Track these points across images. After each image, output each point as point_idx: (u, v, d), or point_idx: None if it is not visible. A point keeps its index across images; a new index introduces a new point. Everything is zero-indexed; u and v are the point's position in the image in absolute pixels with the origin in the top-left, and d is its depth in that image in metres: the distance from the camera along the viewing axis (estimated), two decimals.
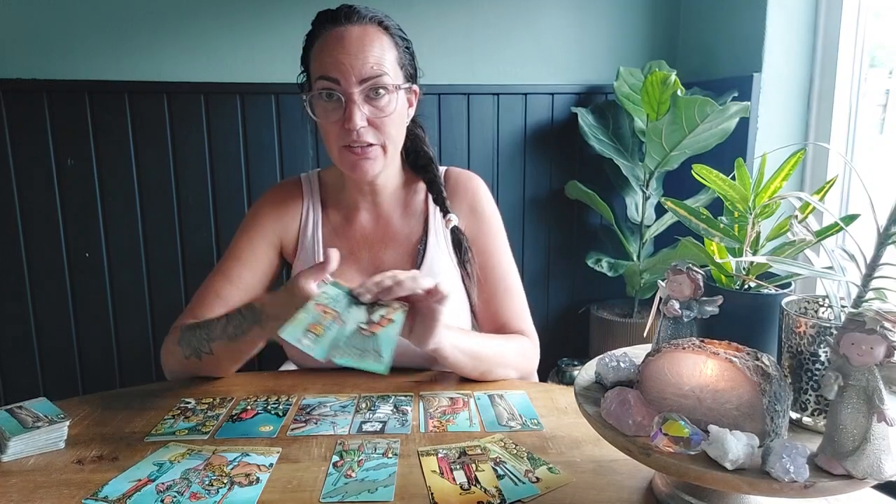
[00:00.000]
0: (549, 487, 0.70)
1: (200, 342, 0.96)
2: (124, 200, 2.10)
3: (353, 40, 0.94)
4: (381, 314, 0.83)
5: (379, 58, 0.94)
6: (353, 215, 1.10)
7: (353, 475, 0.73)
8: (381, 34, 0.97)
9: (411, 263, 1.07)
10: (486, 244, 1.10)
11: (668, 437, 0.57)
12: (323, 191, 1.13)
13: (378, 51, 0.95)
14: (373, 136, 0.96)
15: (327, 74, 0.94)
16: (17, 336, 2.14)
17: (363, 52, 0.93)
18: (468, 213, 1.10)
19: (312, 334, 0.79)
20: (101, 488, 0.71)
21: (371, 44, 0.95)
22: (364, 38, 0.94)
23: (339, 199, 1.11)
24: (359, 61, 0.93)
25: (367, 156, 0.97)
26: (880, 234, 0.62)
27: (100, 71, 2.03)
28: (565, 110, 2.20)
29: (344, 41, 0.94)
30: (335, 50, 0.94)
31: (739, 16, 1.88)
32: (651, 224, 2.06)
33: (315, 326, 0.79)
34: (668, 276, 0.71)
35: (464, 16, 2.13)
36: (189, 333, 0.98)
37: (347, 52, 0.93)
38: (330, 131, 0.98)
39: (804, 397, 0.63)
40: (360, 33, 0.95)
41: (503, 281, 1.10)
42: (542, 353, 1.11)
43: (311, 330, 0.79)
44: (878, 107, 1.69)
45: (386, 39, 0.97)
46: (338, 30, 0.95)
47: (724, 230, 0.74)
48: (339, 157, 0.99)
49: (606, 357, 0.72)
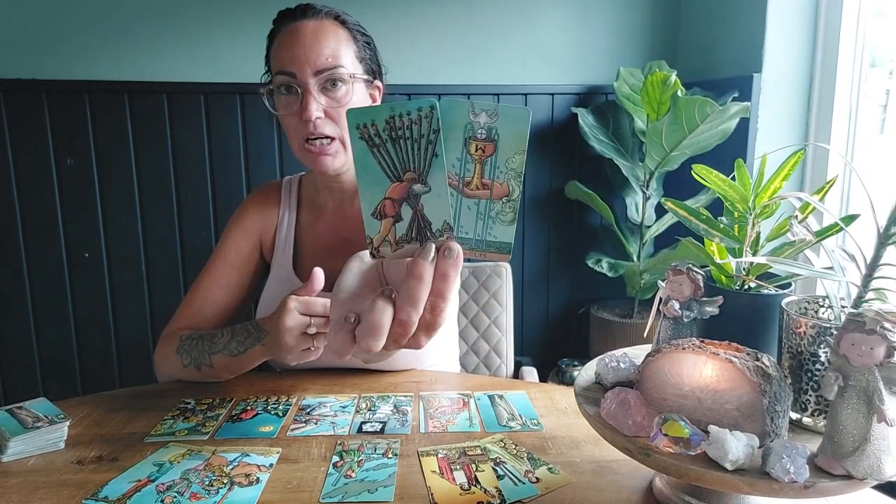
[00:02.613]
0: (549, 488, 0.70)
1: (202, 354, 0.96)
2: (124, 200, 2.10)
3: (307, 34, 0.95)
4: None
5: (334, 50, 0.95)
6: (322, 216, 1.11)
7: (353, 475, 0.73)
8: (337, 28, 0.98)
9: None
10: None
11: (668, 438, 0.57)
12: (301, 193, 1.15)
13: (333, 43, 0.96)
14: (330, 128, 0.97)
15: (284, 69, 0.95)
16: (17, 336, 2.14)
17: (318, 45, 0.94)
18: None
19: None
20: (101, 489, 0.71)
21: (326, 37, 0.96)
22: (319, 32, 0.96)
23: (314, 201, 1.13)
24: (314, 53, 0.94)
25: (327, 151, 0.98)
26: (880, 234, 0.62)
27: (100, 71, 2.03)
28: (565, 110, 2.20)
29: (299, 35, 0.95)
30: (291, 44, 0.95)
31: (739, 16, 1.88)
32: (651, 224, 2.06)
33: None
34: (669, 276, 0.71)
35: (464, 16, 2.13)
36: (190, 344, 0.98)
37: (302, 45, 0.94)
38: (289, 125, 0.99)
39: (804, 397, 0.63)
40: (316, 27, 0.96)
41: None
42: (543, 353, 1.12)
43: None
44: (878, 107, 1.69)
45: (342, 33, 0.98)
46: (294, 25, 0.96)
47: (724, 230, 0.74)
48: (300, 152, 1.00)
49: (606, 357, 0.71)
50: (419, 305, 0.46)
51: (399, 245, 0.47)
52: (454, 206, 0.47)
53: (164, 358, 1.03)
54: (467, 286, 1.52)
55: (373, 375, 1.03)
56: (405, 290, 0.46)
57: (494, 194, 0.47)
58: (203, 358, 0.96)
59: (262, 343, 0.90)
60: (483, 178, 0.47)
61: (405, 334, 0.47)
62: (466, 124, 0.46)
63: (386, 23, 2.02)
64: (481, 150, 0.46)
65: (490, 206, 0.47)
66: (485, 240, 0.48)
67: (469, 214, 0.47)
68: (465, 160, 0.46)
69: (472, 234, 0.48)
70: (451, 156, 0.46)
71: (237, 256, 1.10)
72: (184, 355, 0.98)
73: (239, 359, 0.93)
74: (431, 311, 0.47)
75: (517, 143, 0.46)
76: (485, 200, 0.47)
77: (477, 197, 0.47)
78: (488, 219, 0.48)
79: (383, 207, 0.47)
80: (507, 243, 0.48)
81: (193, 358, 0.97)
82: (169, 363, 1.02)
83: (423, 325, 0.48)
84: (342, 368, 1.06)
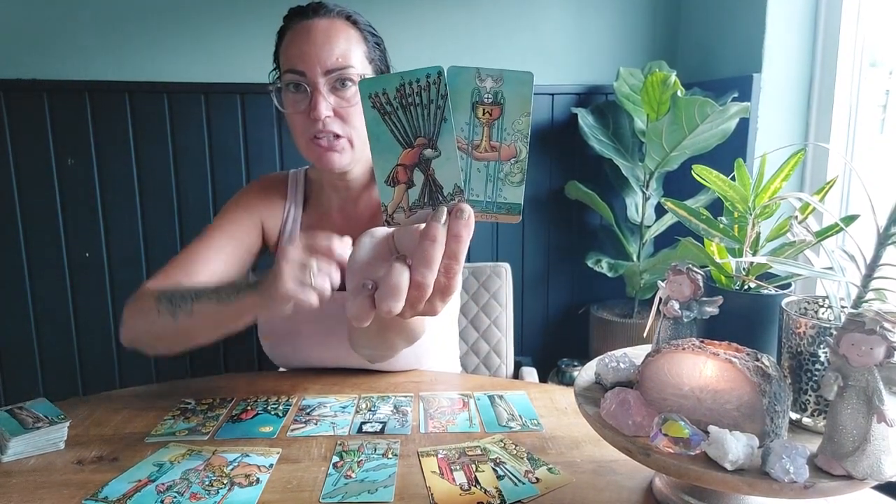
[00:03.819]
0: (548, 488, 0.70)
1: (183, 299, 0.85)
2: (124, 200, 2.10)
3: (319, 32, 0.95)
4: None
5: (345, 50, 0.95)
6: (328, 215, 1.11)
7: (353, 475, 0.73)
8: (348, 28, 0.97)
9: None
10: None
11: (668, 438, 0.57)
12: (307, 188, 1.14)
13: (344, 43, 0.95)
14: (339, 126, 0.96)
15: (293, 67, 0.95)
16: (17, 336, 2.14)
17: (329, 44, 0.94)
18: None
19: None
20: (101, 489, 0.71)
21: (337, 36, 0.95)
22: (330, 31, 0.95)
23: (319, 198, 1.12)
24: (324, 52, 0.93)
25: (334, 148, 0.97)
26: (880, 234, 0.62)
27: (100, 71, 2.03)
28: (565, 110, 2.20)
29: (310, 33, 0.95)
30: (302, 42, 0.94)
31: (739, 16, 1.88)
32: (651, 224, 2.06)
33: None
34: (668, 276, 0.71)
35: (464, 16, 2.13)
36: (171, 291, 0.88)
37: (313, 44, 0.94)
38: (297, 123, 0.98)
39: (804, 398, 0.63)
40: (327, 26, 0.95)
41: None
42: (543, 353, 1.11)
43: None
44: (878, 107, 1.69)
45: (353, 33, 0.98)
46: (305, 23, 0.96)
47: (724, 230, 0.74)
48: (306, 148, 0.99)
49: (606, 357, 0.72)
50: (434, 266, 0.47)
51: (412, 211, 0.49)
52: (464, 170, 0.48)
53: (136, 310, 0.92)
54: (467, 286, 1.52)
55: (373, 376, 1.03)
56: (420, 252, 0.47)
57: (503, 156, 0.48)
58: (184, 303, 0.84)
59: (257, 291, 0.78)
60: (491, 140, 0.48)
61: (421, 297, 0.48)
62: (473, 89, 0.47)
63: (386, 23, 2.01)
64: (488, 114, 0.48)
65: (499, 169, 0.49)
66: (495, 201, 0.49)
67: (479, 177, 0.49)
68: (474, 124, 0.48)
69: (482, 196, 0.49)
70: (460, 120, 0.47)
71: (235, 227, 1.06)
72: (162, 301, 0.87)
73: (227, 307, 0.81)
74: (446, 274, 0.49)
75: (522, 106, 0.47)
76: (494, 163, 0.49)
77: (486, 159, 0.48)
78: (497, 181, 0.49)
79: (396, 174, 0.48)
80: (517, 204, 0.49)
81: (173, 303, 0.85)
82: (140, 314, 0.91)
83: (439, 289, 0.49)
84: (342, 369, 1.06)
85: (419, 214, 0.49)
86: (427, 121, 0.47)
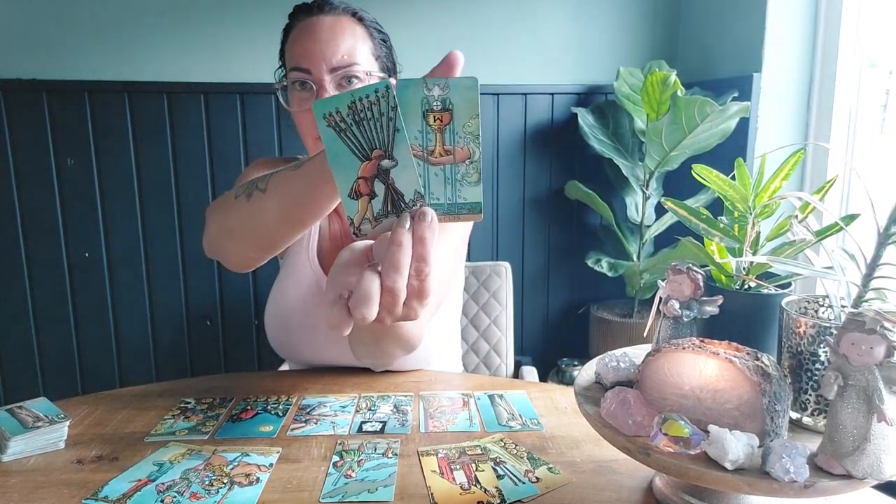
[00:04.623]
0: (549, 487, 0.70)
1: (260, 179, 0.77)
2: (124, 200, 2.10)
3: (324, 30, 0.94)
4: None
5: (350, 47, 0.94)
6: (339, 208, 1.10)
7: (353, 475, 0.73)
8: (353, 24, 0.97)
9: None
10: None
11: (668, 437, 0.57)
12: None
13: (350, 40, 0.94)
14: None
15: (299, 65, 0.94)
16: (17, 336, 2.14)
17: (334, 41, 0.93)
18: None
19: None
20: (101, 488, 0.71)
21: (343, 33, 0.94)
22: (335, 28, 0.94)
23: None
24: (329, 49, 0.93)
25: None
26: (880, 234, 0.62)
27: (100, 71, 2.03)
28: (565, 110, 2.20)
29: (315, 31, 0.94)
30: (307, 40, 0.94)
31: (739, 16, 1.88)
32: (651, 224, 2.06)
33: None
34: (668, 276, 0.71)
35: (463, 16, 2.13)
36: (249, 180, 0.80)
37: (318, 41, 0.93)
38: (303, 121, 0.97)
39: (804, 397, 0.63)
40: (332, 23, 0.95)
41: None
42: (543, 353, 1.11)
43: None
44: (878, 107, 1.69)
45: (359, 30, 0.97)
46: (310, 20, 0.95)
47: (724, 230, 0.74)
48: (313, 146, 0.98)
49: (606, 357, 0.72)
50: (403, 271, 0.49)
51: (378, 220, 0.51)
52: (423, 175, 0.51)
53: (213, 208, 0.87)
54: (467, 286, 1.52)
55: (373, 375, 1.03)
56: (387, 258, 0.49)
57: (458, 158, 0.51)
58: (260, 181, 0.77)
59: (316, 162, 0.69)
60: (445, 145, 0.50)
61: (395, 302, 0.50)
62: (422, 99, 0.49)
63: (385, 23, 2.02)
64: (439, 120, 0.50)
65: (456, 171, 0.51)
66: (455, 202, 0.52)
67: (437, 181, 0.51)
68: (426, 131, 0.50)
69: (443, 199, 0.52)
70: (413, 129, 0.50)
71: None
72: (239, 188, 0.81)
73: (300, 178, 0.71)
74: (417, 277, 0.50)
75: (470, 109, 0.50)
76: (450, 166, 0.51)
77: (442, 163, 0.51)
78: (455, 182, 0.51)
79: (358, 187, 0.50)
80: (477, 203, 0.52)
81: (250, 185, 0.78)
82: (216, 210, 0.86)
83: (413, 293, 0.51)
84: (342, 368, 1.06)
85: (385, 223, 0.51)
86: (381, 133, 0.49)
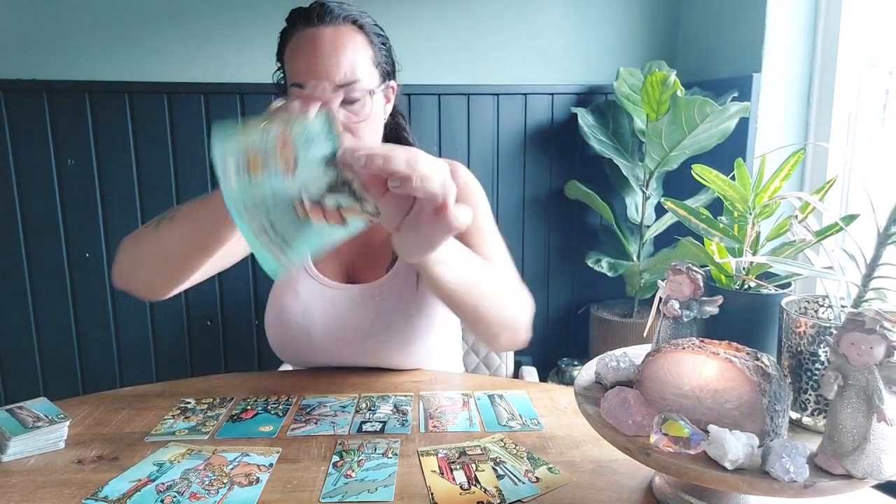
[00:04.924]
0: (548, 487, 0.70)
1: (170, 210, 0.86)
2: (124, 200, 2.10)
3: (325, 44, 0.92)
4: (341, 203, 0.57)
5: (353, 61, 0.93)
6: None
7: (353, 475, 0.73)
8: (355, 34, 0.95)
9: (390, 254, 1.08)
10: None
11: (668, 437, 0.57)
12: None
13: (352, 54, 0.93)
14: (348, 140, 0.95)
15: (301, 82, 0.93)
16: (17, 336, 2.14)
17: (336, 57, 0.92)
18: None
19: (245, 168, 0.55)
20: (101, 488, 0.71)
21: (344, 47, 0.93)
22: (337, 41, 0.93)
23: None
24: (332, 66, 0.92)
25: None
26: (880, 234, 0.62)
27: (100, 71, 2.03)
28: (565, 110, 2.20)
29: (317, 45, 0.92)
30: (308, 55, 0.92)
31: (739, 16, 1.88)
32: (651, 224, 2.06)
33: (256, 159, 0.55)
34: (668, 276, 0.71)
35: (463, 16, 2.13)
36: (162, 214, 0.88)
37: (320, 57, 0.92)
38: None
39: (804, 397, 0.63)
40: (333, 36, 0.93)
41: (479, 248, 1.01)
42: (543, 353, 1.11)
43: (249, 157, 0.55)
44: (878, 107, 1.69)
45: (360, 39, 0.96)
46: (310, 32, 0.93)
47: (723, 230, 0.74)
48: None
49: (606, 357, 0.72)
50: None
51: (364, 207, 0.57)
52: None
53: (129, 240, 0.92)
54: None
55: (373, 375, 1.03)
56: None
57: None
58: (168, 213, 0.85)
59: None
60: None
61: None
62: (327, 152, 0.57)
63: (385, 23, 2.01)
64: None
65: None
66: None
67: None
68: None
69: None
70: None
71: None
72: (151, 220, 0.88)
73: (203, 202, 0.79)
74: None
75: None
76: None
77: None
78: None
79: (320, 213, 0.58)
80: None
81: (159, 217, 0.86)
82: (127, 243, 0.91)
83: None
84: (342, 368, 1.06)
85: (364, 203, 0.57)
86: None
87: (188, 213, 0.83)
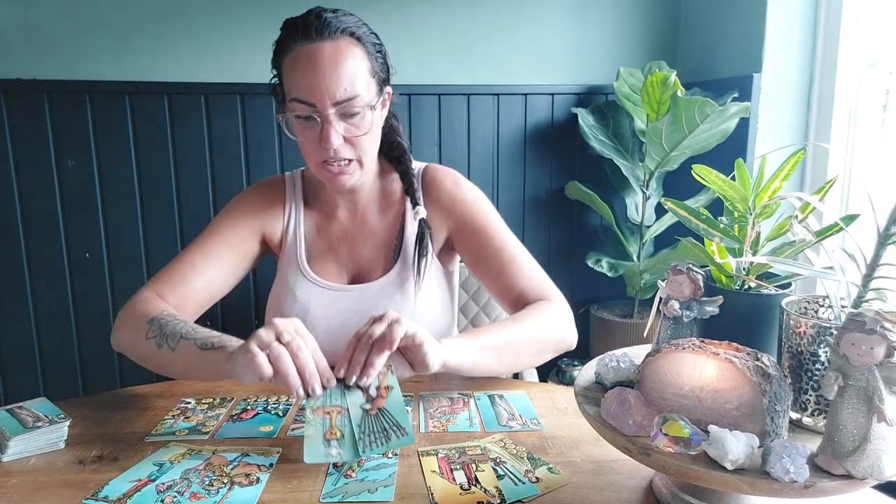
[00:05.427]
0: (549, 487, 0.70)
1: (172, 336, 0.89)
2: (124, 200, 2.10)
3: (325, 60, 0.92)
4: (376, 386, 0.79)
5: (352, 77, 0.93)
6: (333, 212, 1.11)
7: (353, 475, 0.73)
8: (353, 47, 0.95)
9: (388, 255, 1.08)
10: (475, 224, 1.09)
11: (668, 438, 0.57)
12: (305, 189, 1.14)
13: (351, 68, 0.94)
14: (349, 151, 0.97)
15: (302, 98, 0.93)
16: (17, 336, 2.14)
17: (336, 73, 0.92)
18: (450, 205, 1.10)
19: (334, 441, 0.74)
20: (102, 488, 0.71)
21: (344, 62, 0.93)
22: (337, 57, 0.93)
23: (320, 197, 1.12)
24: (333, 83, 0.92)
25: (345, 171, 0.99)
26: (880, 234, 0.62)
27: (100, 71, 2.03)
28: (565, 110, 2.20)
29: (316, 62, 0.92)
30: (308, 71, 0.92)
31: (739, 16, 1.88)
32: (651, 224, 2.06)
33: (330, 432, 0.75)
34: (668, 276, 0.71)
35: (463, 16, 2.13)
36: (163, 322, 0.92)
37: (320, 74, 0.92)
38: (307, 148, 0.98)
39: (804, 397, 0.63)
40: (332, 52, 0.93)
41: (504, 252, 1.08)
42: None
43: (328, 438, 0.74)
44: (878, 107, 1.69)
45: (358, 52, 0.96)
46: (309, 48, 0.93)
47: (724, 230, 0.74)
48: (316, 170, 1.01)
49: (606, 357, 0.72)
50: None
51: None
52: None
53: (130, 323, 0.96)
54: (467, 286, 1.52)
55: None
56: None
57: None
58: (171, 339, 0.89)
59: (227, 352, 0.83)
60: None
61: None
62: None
63: (385, 23, 2.02)
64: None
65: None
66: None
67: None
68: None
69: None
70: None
71: (232, 234, 1.07)
72: (153, 327, 0.92)
73: (203, 356, 0.86)
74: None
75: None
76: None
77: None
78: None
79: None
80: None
81: (163, 334, 0.90)
82: (130, 329, 0.95)
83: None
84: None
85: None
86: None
87: (188, 355, 0.87)
